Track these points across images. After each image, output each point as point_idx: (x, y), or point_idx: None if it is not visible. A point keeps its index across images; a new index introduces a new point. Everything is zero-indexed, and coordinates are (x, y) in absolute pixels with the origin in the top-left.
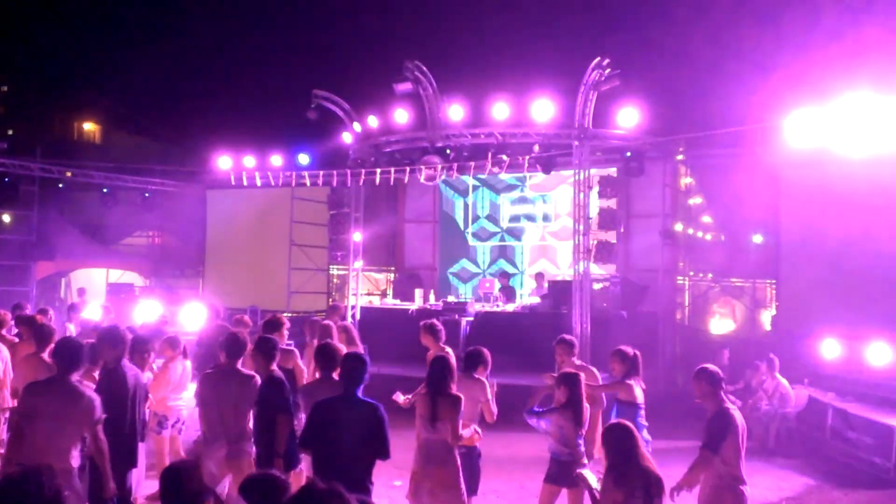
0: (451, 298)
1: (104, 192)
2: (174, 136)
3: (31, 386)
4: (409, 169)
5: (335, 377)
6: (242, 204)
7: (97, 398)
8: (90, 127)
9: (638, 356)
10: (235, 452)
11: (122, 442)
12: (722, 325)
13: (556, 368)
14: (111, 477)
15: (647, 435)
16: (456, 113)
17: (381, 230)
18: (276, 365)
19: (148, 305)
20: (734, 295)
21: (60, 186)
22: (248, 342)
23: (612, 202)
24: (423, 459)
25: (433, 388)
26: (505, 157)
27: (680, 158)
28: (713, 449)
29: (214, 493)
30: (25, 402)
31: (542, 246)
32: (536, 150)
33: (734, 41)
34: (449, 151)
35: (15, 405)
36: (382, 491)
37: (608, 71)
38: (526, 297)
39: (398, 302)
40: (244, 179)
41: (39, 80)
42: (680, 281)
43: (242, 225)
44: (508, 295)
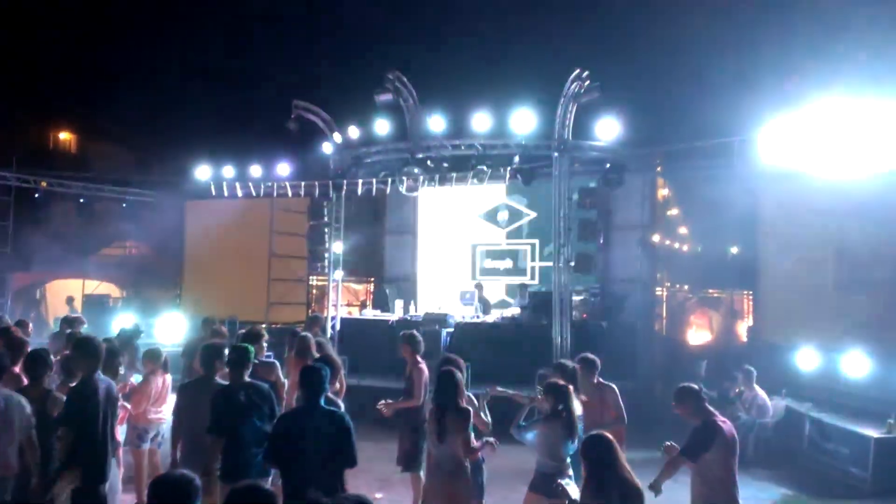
0: (431, 309)
1: (81, 202)
2: (152, 146)
3: None
4: (389, 180)
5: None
6: (221, 215)
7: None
8: (67, 136)
9: (577, 369)
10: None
11: (93, 455)
12: (699, 335)
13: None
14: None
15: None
16: (437, 124)
17: (361, 241)
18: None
19: (125, 317)
20: (711, 306)
21: (36, 197)
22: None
23: (591, 214)
24: (432, 473)
25: (442, 402)
26: (486, 167)
27: (659, 170)
28: (689, 455)
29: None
30: None
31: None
32: (517, 161)
33: (713, 55)
34: (430, 162)
35: None
36: None
37: (588, 83)
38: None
39: (378, 313)
40: (224, 190)
41: (15, 88)
42: (658, 292)
43: (221, 236)
44: (485, 306)
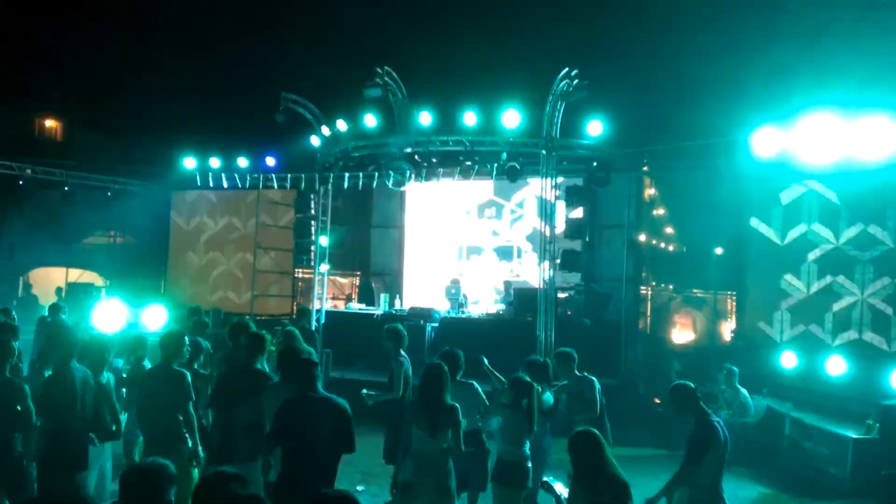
0: (416, 304)
1: (65, 190)
2: (139, 135)
3: None
4: (377, 174)
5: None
6: (207, 205)
7: None
8: (52, 124)
9: (548, 364)
10: (167, 452)
11: (69, 443)
12: (683, 335)
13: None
14: None
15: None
16: (425, 119)
17: (347, 234)
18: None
19: (108, 306)
20: (695, 306)
21: (20, 184)
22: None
23: (578, 212)
24: (417, 469)
25: (431, 397)
26: (473, 164)
27: (645, 170)
28: (695, 462)
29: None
30: None
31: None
32: (504, 158)
33: (701, 56)
34: (417, 157)
35: None
36: None
37: (576, 82)
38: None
39: (363, 306)
40: (210, 180)
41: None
42: (643, 291)
43: (207, 226)
44: (464, 301)
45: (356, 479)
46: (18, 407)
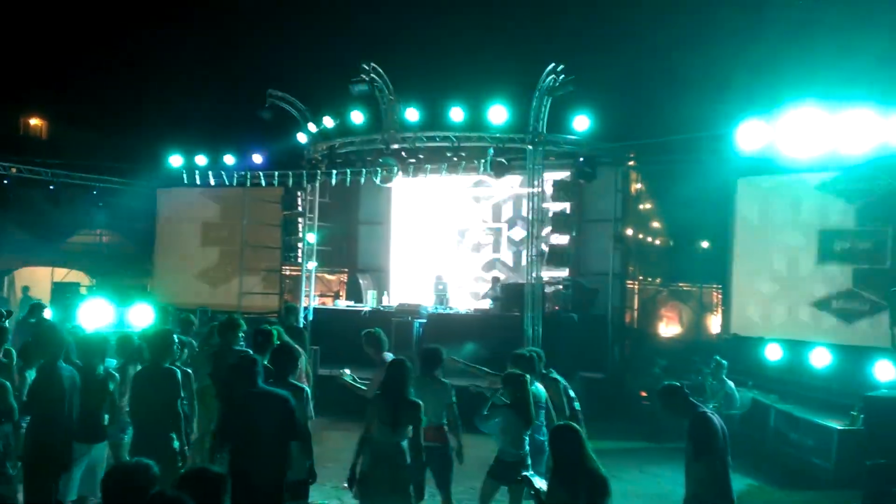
0: (405, 300)
1: (50, 188)
2: (125, 133)
3: None
4: (364, 170)
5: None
6: (194, 203)
7: None
8: (37, 122)
9: (533, 357)
10: (154, 451)
11: (55, 444)
12: (670, 328)
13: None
14: None
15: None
16: (412, 115)
17: (334, 231)
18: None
19: (95, 305)
20: (682, 299)
21: (5, 183)
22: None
23: (565, 207)
24: (374, 461)
25: (394, 392)
26: (460, 159)
27: (632, 164)
28: (709, 451)
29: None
30: None
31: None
32: (491, 153)
33: (687, 50)
34: (404, 153)
35: None
36: (331, 492)
37: (562, 77)
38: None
39: (352, 303)
40: (196, 178)
41: None
42: (630, 285)
43: (193, 224)
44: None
45: (343, 475)
46: None
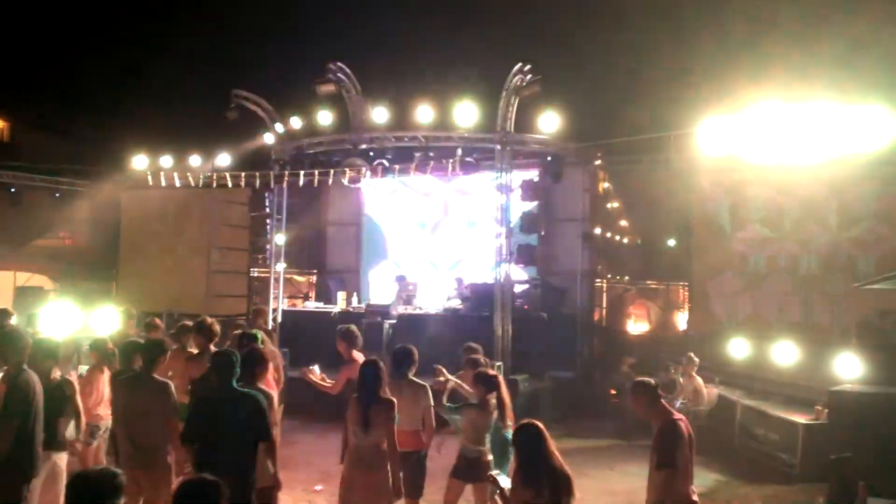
0: (373, 301)
1: (12, 191)
2: (88, 135)
3: None
4: (332, 171)
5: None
6: (159, 205)
7: None
8: None
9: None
10: (147, 464)
11: (23, 451)
12: (638, 326)
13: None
14: None
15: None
16: (380, 115)
17: (303, 232)
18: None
19: (58, 309)
20: (649, 297)
21: None
22: (167, 349)
23: (533, 206)
24: (353, 464)
25: (365, 393)
26: (429, 159)
27: (599, 164)
28: (671, 464)
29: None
30: None
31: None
32: (459, 153)
33: (653, 51)
34: (372, 154)
35: None
36: (302, 496)
37: (529, 77)
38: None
39: (321, 305)
40: (161, 180)
41: None
42: (598, 283)
43: (159, 227)
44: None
45: (315, 478)
46: None
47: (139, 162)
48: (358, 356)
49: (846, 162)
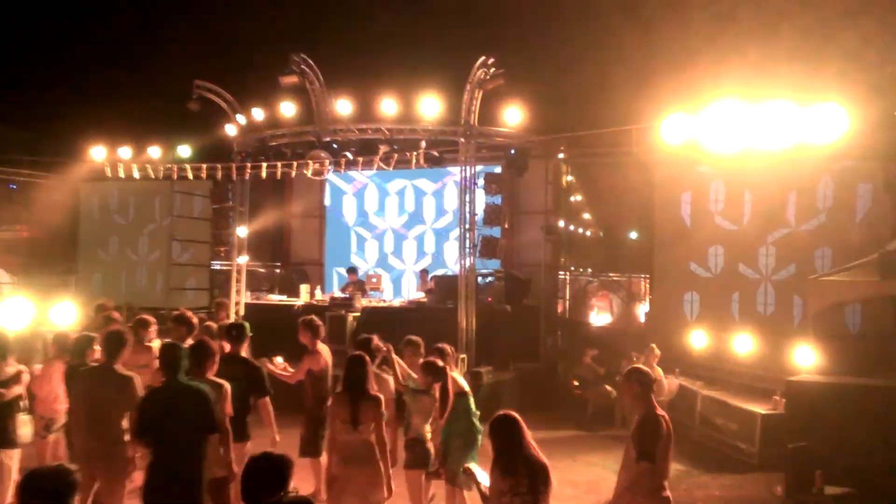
0: (337, 294)
1: None
2: (44, 125)
3: None
4: (295, 163)
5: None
6: (118, 197)
7: None
8: None
9: (452, 350)
10: (106, 456)
11: None
12: (600, 317)
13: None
14: None
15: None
16: (343, 107)
17: (266, 225)
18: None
19: (16, 303)
20: (612, 289)
21: None
22: (128, 340)
23: (497, 199)
24: (342, 462)
25: (353, 389)
26: (393, 151)
27: (562, 157)
28: (651, 458)
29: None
30: None
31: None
32: (423, 146)
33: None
34: (336, 146)
35: None
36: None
37: (493, 70)
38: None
39: (284, 298)
40: (120, 171)
41: None
42: (562, 275)
43: (118, 219)
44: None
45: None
46: None
47: (98, 153)
48: (322, 347)
49: (803, 157)
